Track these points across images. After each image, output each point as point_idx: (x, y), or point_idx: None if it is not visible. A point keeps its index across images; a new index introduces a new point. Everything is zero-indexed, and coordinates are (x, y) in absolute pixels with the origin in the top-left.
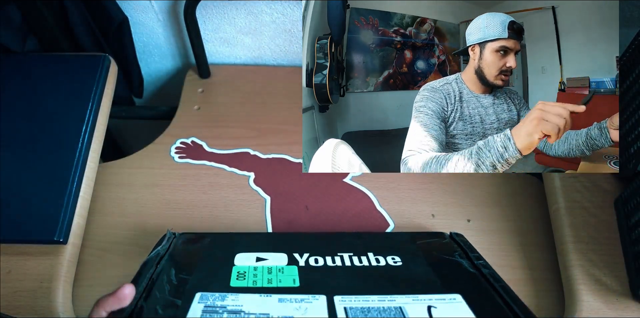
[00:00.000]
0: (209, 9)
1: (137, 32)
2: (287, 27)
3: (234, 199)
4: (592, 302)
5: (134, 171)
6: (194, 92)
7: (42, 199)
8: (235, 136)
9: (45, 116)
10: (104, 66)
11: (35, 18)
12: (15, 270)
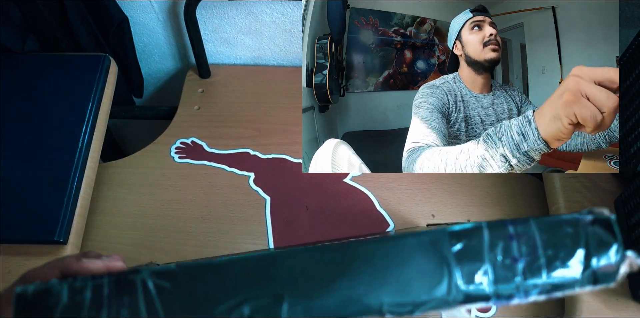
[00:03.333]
0: (209, 9)
1: (137, 32)
2: (287, 27)
3: (234, 199)
4: (592, 302)
5: (134, 171)
6: (194, 92)
7: (42, 199)
8: (235, 136)
9: (45, 116)
10: (104, 66)
11: (35, 18)
12: (15, 270)
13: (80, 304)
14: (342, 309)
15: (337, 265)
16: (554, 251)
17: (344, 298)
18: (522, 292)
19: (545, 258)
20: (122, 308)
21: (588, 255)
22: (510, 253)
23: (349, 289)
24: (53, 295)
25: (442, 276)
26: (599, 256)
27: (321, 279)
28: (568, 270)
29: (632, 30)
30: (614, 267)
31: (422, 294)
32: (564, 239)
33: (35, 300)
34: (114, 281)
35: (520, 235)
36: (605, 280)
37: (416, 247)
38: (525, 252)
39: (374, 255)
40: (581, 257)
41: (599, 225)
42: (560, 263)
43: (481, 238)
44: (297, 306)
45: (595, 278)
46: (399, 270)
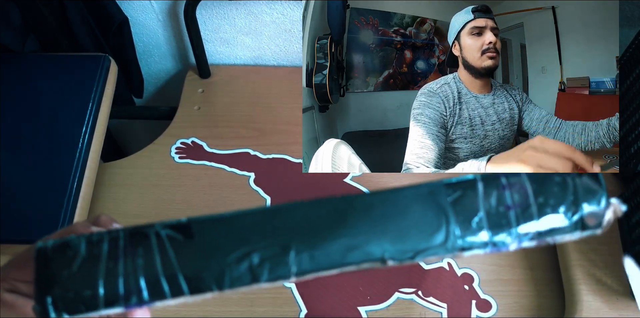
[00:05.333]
0: (209, 9)
1: (137, 32)
2: (287, 27)
3: (234, 199)
4: (593, 302)
5: (134, 171)
6: (194, 93)
7: (42, 199)
8: (235, 136)
9: (45, 116)
10: (104, 66)
11: (35, 18)
12: None
13: (98, 256)
14: (346, 256)
15: (338, 216)
16: (545, 199)
17: (347, 246)
18: (515, 238)
19: (537, 205)
20: (137, 258)
21: (576, 202)
22: (503, 201)
23: (350, 237)
24: (72, 248)
25: (440, 224)
26: (586, 203)
27: (323, 229)
28: (558, 216)
29: (632, 30)
30: (600, 214)
31: (421, 241)
32: (552, 187)
33: (55, 253)
34: (129, 234)
35: (512, 185)
36: (592, 227)
37: (414, 197)
38: (517, 200)
39: (373, 205)
40: (569, 204)
41: (586, 176)
42: (550, 210)
43: (476, 189)
44: (302, 254)
45: (583, 225)
46: (398, 219)
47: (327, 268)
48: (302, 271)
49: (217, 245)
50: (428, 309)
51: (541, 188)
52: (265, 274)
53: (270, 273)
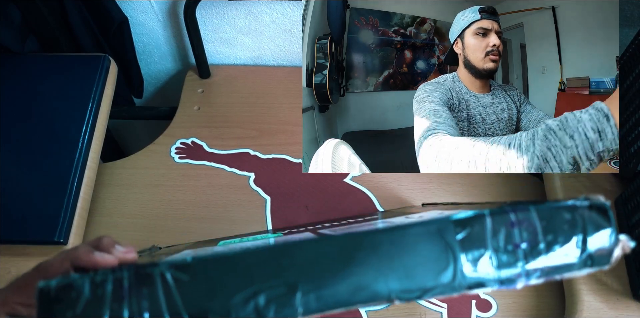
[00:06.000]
0: (209, 9)
1: (137, 33)
2: (287, 27)
3: (234, 199)
4: (593, 302)
5: (134, 171)
6: (194, 93)
7: (42, 199)
8: (235, 136)
9: (45, 116)
10: (104, 66)
11: (35, 18)
12: (15, 271)
13: (102, 297)
14: (353, 296)
15: (345, 254)
16: (554, 236)
17: (354, 285)
18: (523, 276)
19: (545, 243)
20: (142, 300)
21: (585, 239)
22: (512, 239)
23: (357, 277)
24: (75, 289)
25: (448, 262)
26: (594, 240)
27: (331, 268)
28: (566, 253)
29: (632, 30)
30: (608, 250)
31: (428, 280)
32: (562, 224)
33: (58, 295)
34: (134, 274)
35: (521, 222)
36: (600, 263)
37: (421, 235)
38: (526, 238)
39: (381, 243)
40: (578, 241)
41: (594, 211)
42: (559, 248)
43: (484, 226)
44: (309, 294)
45: (592, 261)
46: (405, 257)
47: (333, 307)
48: (308, 311)
49: (223, 285)
50: (428, 309)
51: (550, 225)
52: (271, 315)
53: (276, 314)
